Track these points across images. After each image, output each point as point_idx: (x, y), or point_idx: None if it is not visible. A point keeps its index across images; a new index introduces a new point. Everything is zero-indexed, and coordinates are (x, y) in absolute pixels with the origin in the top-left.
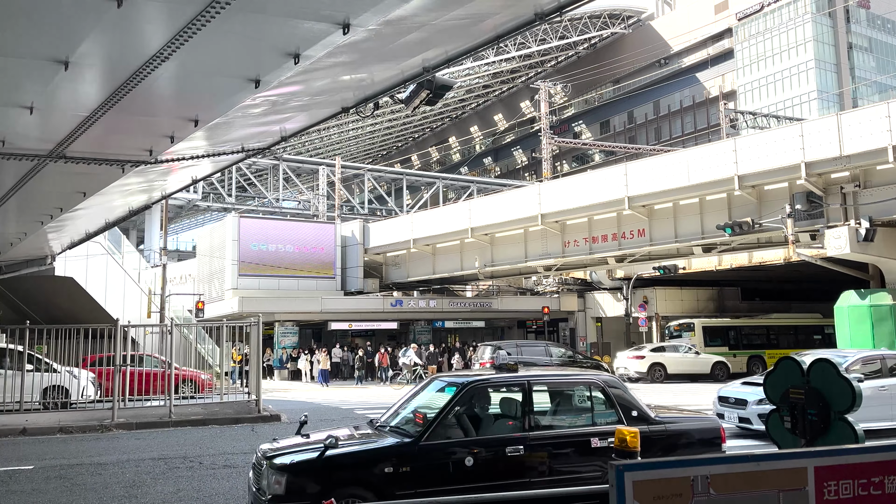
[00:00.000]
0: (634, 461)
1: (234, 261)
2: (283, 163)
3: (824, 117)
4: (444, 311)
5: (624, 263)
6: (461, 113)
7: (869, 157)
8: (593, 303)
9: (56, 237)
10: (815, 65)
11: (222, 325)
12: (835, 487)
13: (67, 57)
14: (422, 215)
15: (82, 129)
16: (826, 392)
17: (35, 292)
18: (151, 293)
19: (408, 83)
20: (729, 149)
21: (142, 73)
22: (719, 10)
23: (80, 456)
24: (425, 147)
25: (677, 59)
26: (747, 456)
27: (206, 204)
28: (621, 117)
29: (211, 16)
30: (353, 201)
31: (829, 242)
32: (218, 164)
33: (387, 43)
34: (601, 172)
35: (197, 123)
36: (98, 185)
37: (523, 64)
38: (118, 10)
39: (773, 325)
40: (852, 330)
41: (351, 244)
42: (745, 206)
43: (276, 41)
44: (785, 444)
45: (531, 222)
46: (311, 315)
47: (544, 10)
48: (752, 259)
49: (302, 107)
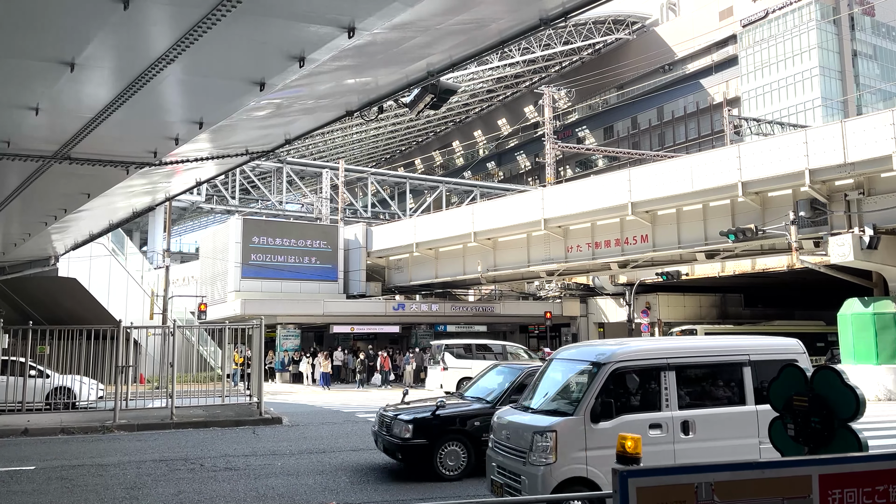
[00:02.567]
0: (639, 467)
1: (236, 263)
2: (286, 166)
3: (828, 124)
4: (446, 316)
5: (627, 269)
6: (465, 117)
7: (873, 165)
8: (596, 308)
9: (60, 238)
10: (820, 72)
11: (224, 328)
12: (839, 496)
13: (73, 58)
14: (425, 219)
15: (87, 131)
16: (830, 400)
17: (38, 293)
18: (154, 295)
19: (412, 87)
20: (733, 155)
21: (147, 75)
22: (724, 16)
23: (81, 457)
24: (429, 151)
25: (681, 65)
26: (752, 463)
27: (210, 206)
28: (625, 123)
29: (217, 18)
30: (357, 205)
31: (832, 250)
32: (222, 166)
33: (391, 47)
34: (604, 178)
35: (201, 126)
36: (102, 186)
37: (527, 69)
38: (124, 13)
39: (776, 332)
40: (855, 338)
41: (354, 247)
42: (749, 212)
43: (281, 44)
44: (788, 451)
45: (534, 227)
46: (313, 318)
47: (549, 15)
48: (755, 266)
49: (306, 110)
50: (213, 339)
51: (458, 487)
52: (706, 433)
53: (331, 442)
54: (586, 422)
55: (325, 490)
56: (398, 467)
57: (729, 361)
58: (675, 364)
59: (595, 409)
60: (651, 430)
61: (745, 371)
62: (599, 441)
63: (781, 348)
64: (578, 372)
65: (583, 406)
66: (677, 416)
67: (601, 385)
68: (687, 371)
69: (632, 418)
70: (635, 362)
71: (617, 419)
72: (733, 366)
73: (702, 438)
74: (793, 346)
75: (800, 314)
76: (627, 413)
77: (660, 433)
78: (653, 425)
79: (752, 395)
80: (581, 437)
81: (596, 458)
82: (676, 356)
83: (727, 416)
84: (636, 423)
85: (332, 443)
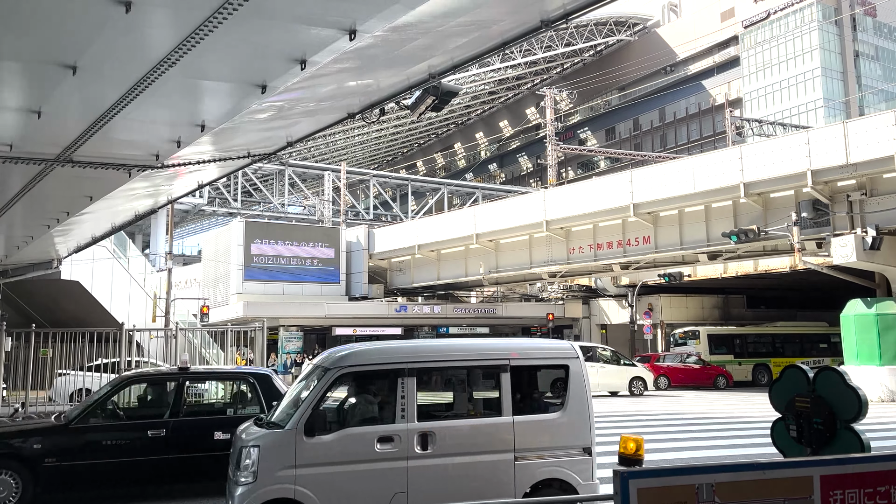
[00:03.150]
0: (639, 468)
1: (239, 265)
2: (288, 168)
3: (831, 125)
4: (448, 317)
5: (629, 270)
6: (467, 119)
7: (875, 166)
8: (598, 310)
9: (62, 241)
10: (822, 73)
11: (227, 330)
12: (840, 496)
13: (76, 62)
14: (426, 221)
15: (90, 134)
16: (832, 401)
17: (41, 296)
18: (157, 297)
19: (413, 89)
20: (735, 156)
21: (149, 77)
22: (725, 17)
23: None
24: (431, 153)
25: (683, 66)
26: (753, 464)
27: (212, 209)
28: (627, 124)
29: (218, 22)
30: (359, 207)
31: (835, 251)
32: (224, 168)
33: (393, 49)
34: (606, 179)
35: (203, 128)
36: (105, 189)
37: (529, 70)
38: (126, 16)
39: (778, 333)
40: (858, 339)
41: (356, 250)
42: (751, 213)
43: (283, 47)
44: (790, 452)
45: (536, 229)
46: (315, 320)
47: (550, 17)
48: (757, 267)
49: (308, 112)
50: (216, 341)
51: None
52: (450, 448)
53: None
54: (298, 435)
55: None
56: None
57: (484, 366)
58: (416, 368)
59: (311, 421)
60: (380, 444)
61: (503, 377)
62: (314, 457)
63: (549, 352)
64: (314, 378)
65: (297, 418)
66: (414, 429)
67: (321, 393)
68: (431, 376)
69: (357, 431)
70: (366, 366)
71: (339, 432)
72: (489, 371)
73: (444, 454)
74: (564, 351)
75: (802, 315)
76: (355, 425)
77: (391, 448)
78: (383, 439)
79: (509, 404)
80: (290, 452)
81: (308, 477)
82: (419, 359)
83: (478, 428)
84: (361, 437)
85: None
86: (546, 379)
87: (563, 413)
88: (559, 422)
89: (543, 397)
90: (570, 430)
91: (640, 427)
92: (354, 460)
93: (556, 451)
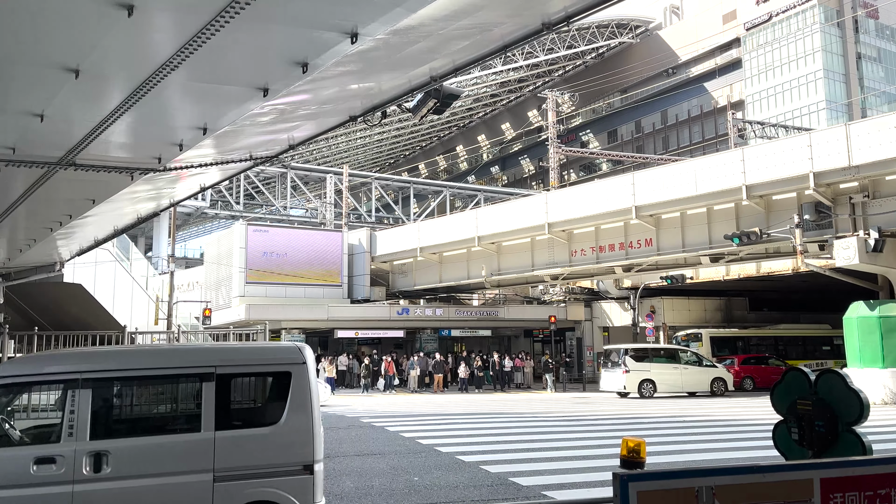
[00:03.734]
0: (639, 471)
1: (241, 268)
2: (290, 171)
3: (833, 127)
4: (450, 320)
5: (631, 273)
6: (468, 122)
7: (878, 168)
8: (600, 312)
9: (65, 244)
10: (824, 75)
11: (229, 333)
12: (840, 499)
13: (78, 65)
14: (429, 224)
15: (92, 137)
16: (834, 403)
17: (43, 299)
18: (159, 300)
19: (415, 92)
20: (737, 158)
21: (152, 81)
22: (727, 19)
23: None
24: (433, 156)
25: (685, 68)
26: (753, 467)
27: (214, 212)
28: (629, 127)
29: (221, 25)
30: (361, 209)
31: (837, 253)
32: (226, 171)
33: (395, 52)
34: (608, 182)
35: (205, 131)
36: (107, 192)
37: (531, 73)
38: (129, 19)
39: (781, 335)
40: (861, 341)
41: (358, 252)
42: (753, 215)
43: (285, 50)
44: (792, 455)
45: (538, 231)
46: (317, 323)
47: (551, 20)
48: (760, 269)
49: (310, 115)
50: None
51: None
52: (131, 469)
53: (335, 447)
54: None
55: (328, 495)
56: (404, 471)
57: (182, 374)
58: (92, 378)
59: None
60: (39, 466)
61: (206, 387)
62: None
63: (266, 358)
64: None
65: None
66: (85, 449)
67: None
68: (111, 387)
69: (6, 453)
70: (23, 377)
71: None
72: (188, 380)
73: (122, 476)
74: (286, 356)
75: (805, 317)
76: (6, 445)
77: (54, 470)
78: (43, 460)
79: (211, 418)
80: None
81: None
82: (96, 368)
83: (167, 446)
84: (12, 460)
85: (336, 447)
86: (262, 388)
87: (280, 426)
88: (274, 436)
89: (258, 409)
90: (287, 446)
91: (650, 430)
92: (3, 485)
93: (268, 470)
